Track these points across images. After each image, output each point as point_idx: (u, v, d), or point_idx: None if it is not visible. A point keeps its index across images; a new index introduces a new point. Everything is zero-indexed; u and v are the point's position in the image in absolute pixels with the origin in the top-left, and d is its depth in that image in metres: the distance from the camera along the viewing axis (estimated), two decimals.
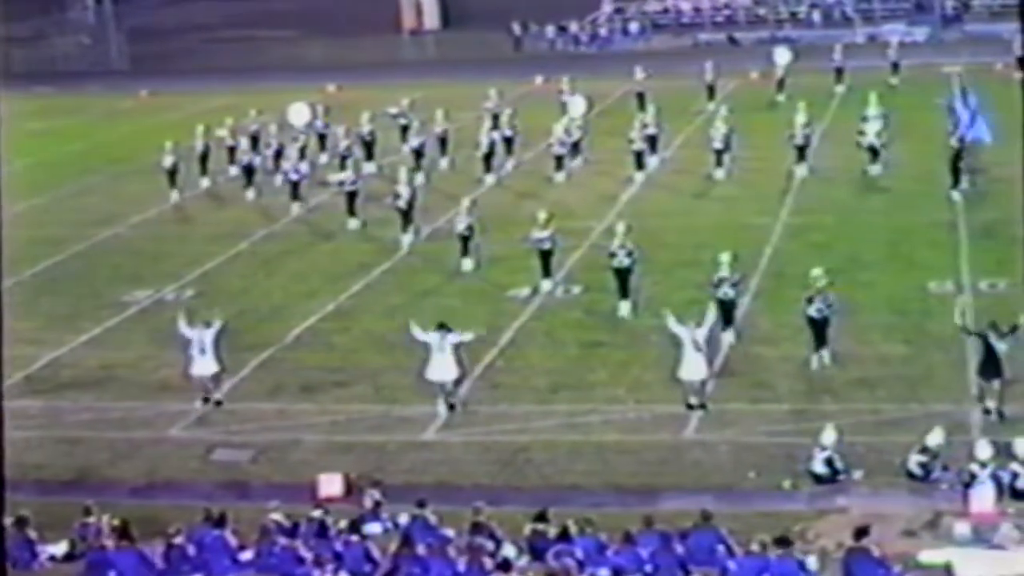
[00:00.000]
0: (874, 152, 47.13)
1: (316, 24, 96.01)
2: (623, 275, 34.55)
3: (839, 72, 64.10)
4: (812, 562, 21.89)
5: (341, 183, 45.17)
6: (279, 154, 50.66)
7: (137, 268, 41.31)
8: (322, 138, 54.02)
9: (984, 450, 24.39)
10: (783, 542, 21.62)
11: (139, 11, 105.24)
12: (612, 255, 34.59)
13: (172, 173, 49.28)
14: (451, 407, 29.17)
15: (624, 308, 34.51)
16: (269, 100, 59.72)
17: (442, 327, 29.18)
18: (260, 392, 31.09)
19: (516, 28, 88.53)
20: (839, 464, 25.33)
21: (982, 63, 65.80)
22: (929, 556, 22.10)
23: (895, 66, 65.19)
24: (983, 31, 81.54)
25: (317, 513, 23.48)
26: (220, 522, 23.08)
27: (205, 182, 51.03)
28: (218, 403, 30.07)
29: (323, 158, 52.84)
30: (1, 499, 16.03)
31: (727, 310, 32.11)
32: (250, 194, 48.97)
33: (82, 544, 23.26)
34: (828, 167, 48.31)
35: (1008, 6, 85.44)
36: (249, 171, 49.56)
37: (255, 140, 52.17)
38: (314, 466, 26.78)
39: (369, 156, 51.98)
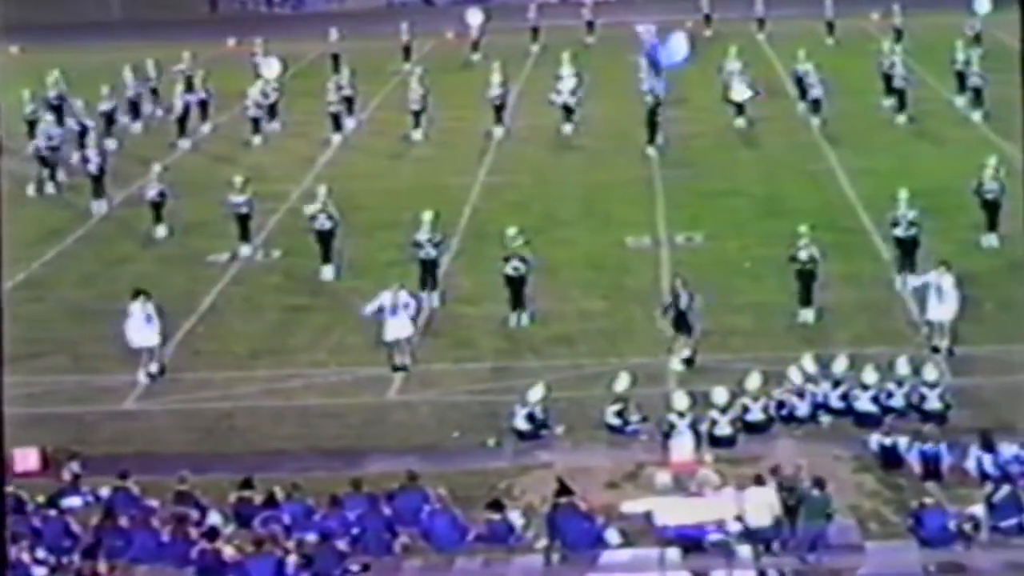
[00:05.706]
0: (568, 110, 47.74)
1: None
2: (325, 238, 34.38)
3: (535, 31, 64.70)
4: (517, 518, 22.16)
5: (38, 148, 43.92)
6: None
7: None
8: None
9: (681, 400, 24.93)
10: (495, 506, 21.97)
11: None
12: (313, 218, 34.38)
13: None
14: (157, 374, 28.64)
15: (327, 271, 34.34)
16: None
17: (140, 294, 28.69)
18: None
19: None
20: (541, 419, 25.61)
21: (674, 20, 67.02)
22: (630, 507, 22.56)
23: (590, 25, 66.08)
24: None
25: (11, 488, 22.84)
26: None
27: None
28: None
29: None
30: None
31: (430, 270, 32.21)
32: None
33: None
34: (524, 126, 48.75)
35: None
36: None
37: None
38: (8, 440, 25.93)
39: (59, 121, 50.55)
